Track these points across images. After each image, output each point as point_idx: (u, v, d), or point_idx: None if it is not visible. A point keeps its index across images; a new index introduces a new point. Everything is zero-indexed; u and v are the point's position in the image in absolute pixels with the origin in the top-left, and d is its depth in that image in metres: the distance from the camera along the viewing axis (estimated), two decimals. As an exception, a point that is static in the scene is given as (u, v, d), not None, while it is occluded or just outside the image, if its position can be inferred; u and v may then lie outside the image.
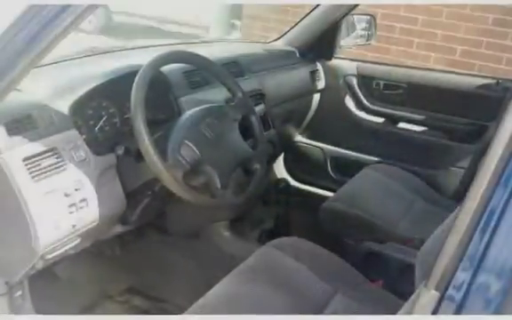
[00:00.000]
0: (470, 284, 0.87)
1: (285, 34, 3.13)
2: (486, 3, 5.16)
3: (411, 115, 2.99)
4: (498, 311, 0.85)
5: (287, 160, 3.36)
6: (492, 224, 0.87)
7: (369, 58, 5.13)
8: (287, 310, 1.66)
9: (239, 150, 1.96)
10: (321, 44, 3.03)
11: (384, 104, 3.06)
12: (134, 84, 1.67)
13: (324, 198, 2.57)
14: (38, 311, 1.86)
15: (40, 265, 1.65)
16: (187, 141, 1.75)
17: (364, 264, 2.24)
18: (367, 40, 3.13)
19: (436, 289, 0.89)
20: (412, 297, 1.05)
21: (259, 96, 2.53)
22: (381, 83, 3.04)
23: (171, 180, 1.65)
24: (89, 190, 1.66)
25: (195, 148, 1.75)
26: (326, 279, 1.80)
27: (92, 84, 1.81)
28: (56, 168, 1.57)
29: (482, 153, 2.31)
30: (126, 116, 1.90)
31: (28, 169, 1.51)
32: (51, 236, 1.57)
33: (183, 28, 10.45)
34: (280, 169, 3.35)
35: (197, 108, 1.93)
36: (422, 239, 1.56)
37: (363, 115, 3.12)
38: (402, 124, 3.06)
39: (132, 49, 2.54)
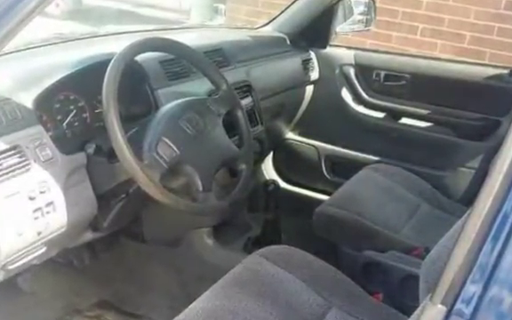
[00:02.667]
0: (481, 298, 0.87)
1: (275, 19, 3.13)
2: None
3: (414, 109, 3.00)
4: (511, 327, 0.85)
5: (277, 159, 3.37)
6: (506, 230, 0.87)
7: (368, 45, 5.14)
8: (277, 326, 1.67)
9: (223, 149, 1.97)
10: (314, 30, 3.04)
11: (385, 97, 3.07)
12: (106, 75, 1.67)
13: (318, 202, 2.58)
14: (0, 327, 1.85)
15: (1, 276, 1.65)
16: (165, 138, 1.75)
17: (362, 275, 2.25)
18: (366, 26, 3.14)
19: (443, 303, 0.89)
20: (417, 312, 1.06)
21: (245, 88, 2.53)
22: (382, 73, 3.05)
23: (147, 182, 1.65)
24: (56, 193, 1.65)
25: (173, 146, 1.75)
26: (320, 292, 1.80)
27: (59, 75, 1.81)
28: (19, 168, 1.56)
29: (494, 151, 2.33)
30: (97, 111, 1.89)
31: (-12, 170, 1.50)
32: (13, 245, 1.56)
33: (161, 13, 10.43)
34: (269, 169, 3.36)
35: (176, 102, 1.93)
36: (427, 247, 1.57)
37: (361, 109, 3.13)
38: (404, 120, 3.08)
39: (104, 36, 2.53)
